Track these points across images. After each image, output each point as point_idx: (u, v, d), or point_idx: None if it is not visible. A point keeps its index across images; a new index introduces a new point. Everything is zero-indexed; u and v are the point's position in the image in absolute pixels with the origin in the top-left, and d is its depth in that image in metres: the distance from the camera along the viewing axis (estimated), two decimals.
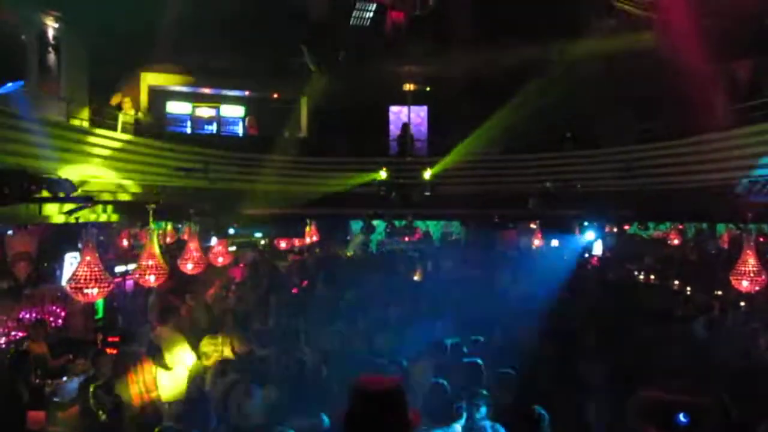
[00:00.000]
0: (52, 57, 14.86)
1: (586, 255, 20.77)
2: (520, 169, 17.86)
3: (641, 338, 8.95)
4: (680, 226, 20.53)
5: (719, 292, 13.80)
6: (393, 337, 9.41)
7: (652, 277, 17.98)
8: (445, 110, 19.72)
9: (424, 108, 21.47)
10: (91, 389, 6.67)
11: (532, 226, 20.55)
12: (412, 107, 20.91)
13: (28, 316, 11.45)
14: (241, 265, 17.82)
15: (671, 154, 15.00)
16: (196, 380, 7.81)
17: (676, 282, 16.41)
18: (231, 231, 15.27)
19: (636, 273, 18.71)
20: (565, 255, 18.96)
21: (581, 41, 15.79)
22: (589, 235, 17.92)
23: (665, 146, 15.23)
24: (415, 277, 17.22)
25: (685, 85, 13.07)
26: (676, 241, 20.55)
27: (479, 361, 7.27)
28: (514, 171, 17.87)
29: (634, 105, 16.51)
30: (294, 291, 14.24)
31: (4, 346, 10.29)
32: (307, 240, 19.79)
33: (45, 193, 9.45)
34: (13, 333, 10.91)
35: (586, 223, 16.78)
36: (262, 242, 20.86)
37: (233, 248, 17.39)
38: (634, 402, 3.40)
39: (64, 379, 9.04)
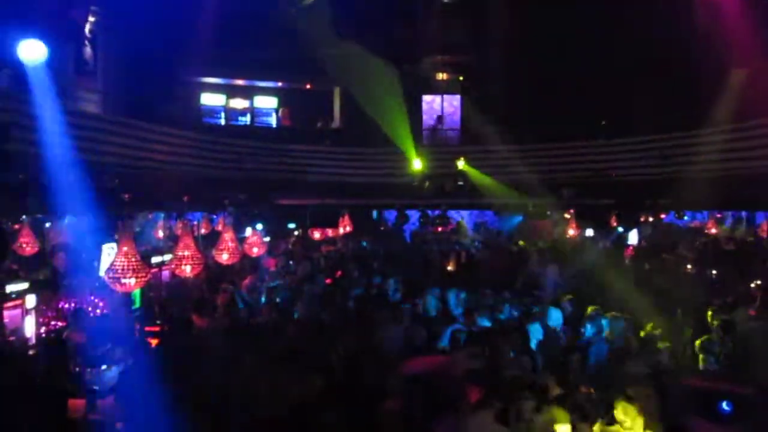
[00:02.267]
0: (88, 51, 15.04)
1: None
2: (554, 157, 17.71)
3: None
4: (718, 215, 20.21)
5: (758, 282, 13.56)
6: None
7: (689, 266, 17.70)
8: (478, 99, 19.63)
9: (457, 97, 21.38)
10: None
11: (566, 216, 20.39)
12: (445, 96, 20.84)
13: (67, 306, 11.59)
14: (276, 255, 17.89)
15: (709, 142, 14.78)
16: None
17: (714, 272, 16.14)
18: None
19: (672, 262, 18.43)
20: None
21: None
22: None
23: (703, 133, 15.01)
24: (449, 267, 17.14)
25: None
26: (713, 230, 20.24)
27: None
28: (548, 159, 17.72)
29: (672, 91, 16.26)
30: (328, 281, 14.24)
31: (44, 335, 10.43)
32: (341, 230, 19.81)
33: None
34: (52, 323, 11.06)
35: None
36: (296, 233, 20.92)
37: (267, 239, 17.46)
38: (675, 391, 3.35)
39: (103, 367, 9.14)
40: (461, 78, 20.72)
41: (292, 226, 20.07)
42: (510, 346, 7.32)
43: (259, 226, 15.35)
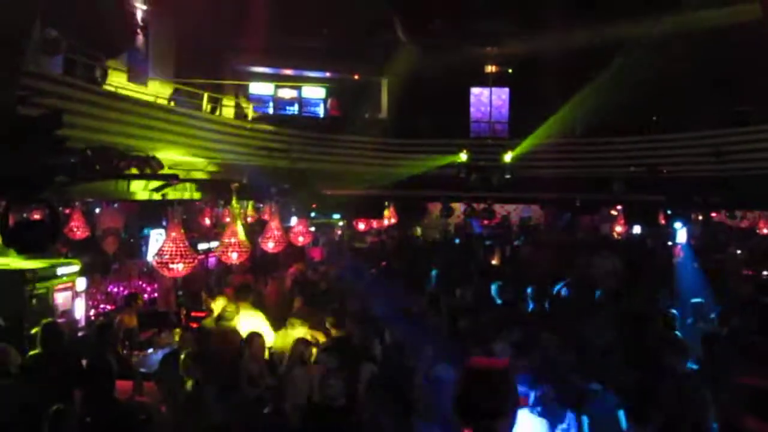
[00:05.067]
0: (140, 39, 15.22)
1: (669, 243, 20.19)
2: (603, 152, 17.44)
3: (733, 327, 8.61)
4: None
5: None
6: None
7: (740, 266, 17.33)
8: (527, 92, 19.40)
9: (506, 90, 21.20)
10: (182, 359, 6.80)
11: (613, 212, 20.13)
12: (493, 89, 20.68)
13: (116, 290, 11.79)
14: (321, 246, 17.98)
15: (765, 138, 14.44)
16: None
17: (765, 273, 15.78)
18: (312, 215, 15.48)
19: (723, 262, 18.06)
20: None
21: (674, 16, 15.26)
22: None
23: (759, 130, 14.65)
24: (493, 261, 17.02)
25: None
26: (765, 230, 19.78)
27: None
28: (598, 155, 17.46)
29: (726, 86, 15.87)
30: (372, 271, 14.26)
31: (93, 318, 10.61)
32: (386, 222, 19.82)
33: (133, 171, 9.71)
34: (101, 306, 11.25)
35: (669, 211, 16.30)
36: (341, 223, 21.01)
37: (313, 228, 17.54)
38: (732, 390, 3.25)
39: (150, 350, 9.29)
40: (510, 70, 20.53)
41: (337, 216, 20.16)
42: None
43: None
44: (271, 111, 20.30)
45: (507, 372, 3.00)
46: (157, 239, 13.08)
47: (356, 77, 21.10)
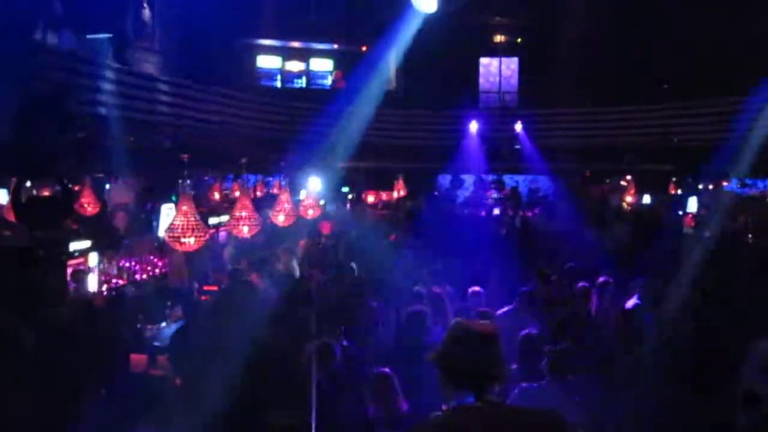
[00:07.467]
0: (147, 12, 15.15)
1: (680, 212, 20.08)
2: (614, 121, 17.31)
3: (746, 295, 8.58)
4: None
5: None
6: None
7: (750, 236, 17.24)
8: (536, 62, 19.24)
9: (515, 60, 21.03)
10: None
11: (623, 183, 20.03)
12: (502, 59, 20.52)
13: (127, 264, 11.80)
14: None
15: None
16: None
17: None
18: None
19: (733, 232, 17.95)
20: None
21: None
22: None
23: None
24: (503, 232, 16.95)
25: None
26: None
27: None
28: (608, 123, 17.33)
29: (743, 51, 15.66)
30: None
31: (105, 293, 10.63)
32: (395, 194, 19.73)
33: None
34: (114, 281, 11.27)
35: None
36: (350, 196, 20.94)
37: (323, 202, 17.49)
38: (752, 354, 3.22)
39: (163, 324, 9.32)
40: (519, 40, 20.36)
41: (345, 189, 20.10)
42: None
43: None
44: (279, 84, 20.22)
45: (497, 335, 2.95)
46: (167, 214, 13.08)
47: (364, 49, 20.96)
